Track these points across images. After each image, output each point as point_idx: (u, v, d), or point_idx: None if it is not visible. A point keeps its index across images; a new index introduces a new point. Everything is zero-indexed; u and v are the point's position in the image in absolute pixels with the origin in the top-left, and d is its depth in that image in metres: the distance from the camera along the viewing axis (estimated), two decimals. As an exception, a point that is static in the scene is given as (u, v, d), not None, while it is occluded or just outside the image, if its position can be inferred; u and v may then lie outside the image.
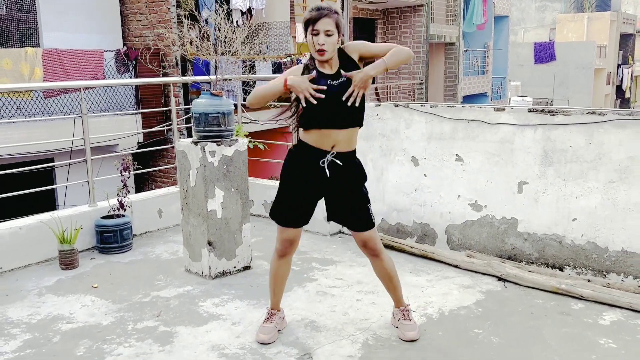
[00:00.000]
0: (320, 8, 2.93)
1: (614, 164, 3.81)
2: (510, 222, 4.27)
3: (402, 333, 3.25)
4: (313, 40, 2.91)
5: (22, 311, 3.72)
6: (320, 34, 2.89)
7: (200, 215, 4.16)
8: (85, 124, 4.89)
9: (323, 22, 2.88)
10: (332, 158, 3.03)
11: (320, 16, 2.88)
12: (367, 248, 3.22)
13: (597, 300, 3.65)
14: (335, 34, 2.91)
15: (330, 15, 2.89)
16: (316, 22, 2.89)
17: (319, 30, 2.89)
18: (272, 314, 3.34)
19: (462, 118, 4.40)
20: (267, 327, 3.28)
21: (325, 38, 2.89)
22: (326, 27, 2.88)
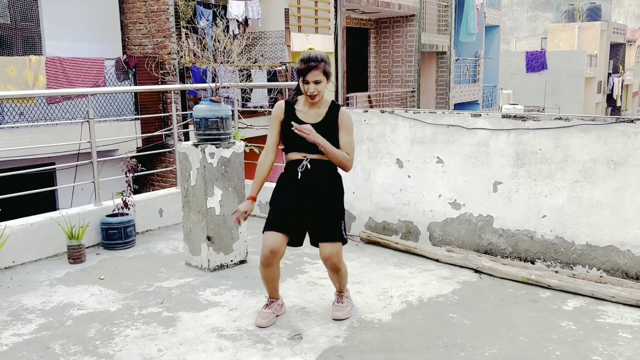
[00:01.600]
0: (308, 59, 3.34)
1: (578, 165, 4.17)
2: (487, 219, 4.62)
3: (332, 313, 3.63)
4: (304, 87, 3.37)
5: (35, 299, 4.04)
6: (310, 84, 3.35)
7: (200, 212, 4.49)
8: (92, 129, 5.22)
9: (313, 74, 3.34)
10: (306, 163, 3.39)
11: (309, 69, 3.33)
12: (328, 263, 3.47)
13: (562, 289, 4.00)
14: (323, 80, 3.38)
15: (318, 67, 3.34)
16: (306, 74, 3.34)
17: (308, 80, 3.34)
18: (271, 302, 3.66)
19: (442, 123, 4.76)
20: (265, 312, 3.60)
21: (315, 86, 3.36)
22: (315, 77, 3.35)
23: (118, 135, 10.14)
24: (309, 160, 3.40)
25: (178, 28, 11.00)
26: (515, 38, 41.93)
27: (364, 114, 5.22)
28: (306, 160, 3.41)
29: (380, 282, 4.26)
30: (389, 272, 4.45)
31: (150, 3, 11.18)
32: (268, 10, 13.13)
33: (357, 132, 5.21)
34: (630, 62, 42.12)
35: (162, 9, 11.01)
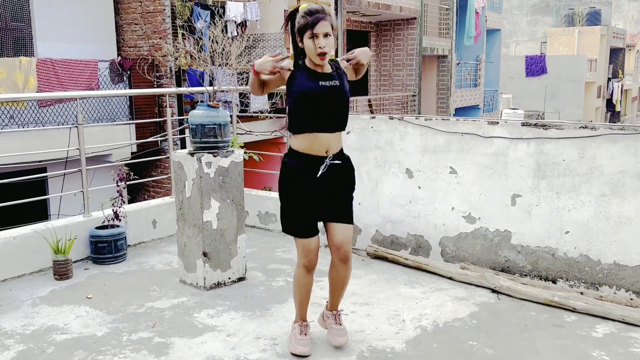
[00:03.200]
0: (314, 11, 2.93)
1: (605, 178, 3.86)
2: (504, 234, 4.31)
3: (333, 338, 3.26)
4: (314, 43, 2.91)
5: (16, 322, 3.70)
6: (319, 37, 2.91)
7: (195, 226, 4.17)
8: (81, 134, 4.89)
9: (321, 25, 2.90)
10: (330, 162, 3.05)
11: (318, 20, 2.89)
12: (340, 251, 3.14)
13: (589, 312, 3.69)
14: (331, 35, 2.95)
15: (326, 18, 2.92)
16: (315, 26, 2.89)
17: (318, 33, 2.90)
18: (305, 325, 3.29)
19: (456, 131, 4.45)
20: (305, 340, 3.23)
21: (325, 40, 2.92)
22: (324, 29, 2.91)
23: (112, 139, 9.83)
24: (332, 158, 3.05)
25: (174, 29, 10.68)
26: (514, 42, 41.77)
27: (371, 120, 4.90)
28: (329, 159, 3.04)
29: (390, 303, 3.93)
30: (400, 292, 4.13)
31: (146, 4, 10.86)
32: (267, 12, 12.81)
33: (363, 139, 4.90)
34: (630, 67, 42.02)
35: (158, 10, 10.69)
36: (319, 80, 2.98)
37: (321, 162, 3.04)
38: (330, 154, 3.06)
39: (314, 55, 2.94)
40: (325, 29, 2.90)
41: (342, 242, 3.13)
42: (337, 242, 3.13)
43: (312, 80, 2.99)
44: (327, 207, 3.13)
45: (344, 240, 3.14)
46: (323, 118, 3.01)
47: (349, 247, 3.16)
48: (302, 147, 3.05)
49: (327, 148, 3.05)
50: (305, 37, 2.94)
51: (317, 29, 2.89)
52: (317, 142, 3.02)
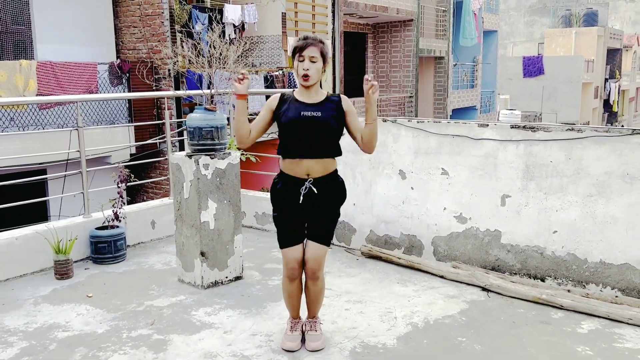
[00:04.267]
0: (307, 37, 3.18)
1: (592, 179, 3.97)
2: (494, 234, 4.42)
3: (307, 343, 3.37)
4: (299, 66, 3.14)
5: (18, 320, 3.80)
6: (305, 60, 3.12)
7: (193, 226, 4.27)
8: (82, 137, 4.99)
9: (309, 50, 3.13)
10: (309, 185, 3.18)
11: (307, 45, 3.13)
12: (307, 267, 3.27)
13: (576, 309, 3.80)
14: (319, 61, 3.16)
15: (316, 44, 3.15)
16: (303, 50, 3.12)
17: (304, 56, 3.12)
18: (296, 322, 3.43)
19: (447, 133, 4.56)
20: (293, 335, 3.37)
21: (310, 64, 3.12)
22: (311, 53, 3.12)
23: (111, 141, 9.92)
24: (312, 182, 3.18)
25: (173, 32, 10.78)
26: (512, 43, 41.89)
27: (365, 122, 5.00)
28: (309, 182, 3.18)
29: (383, 301, 4.04)
30: (392, 290, 4.23)
31: (145, 7, 10.96)
32: (265, 15, 12.92)
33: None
34: (627, 68, 42.14)
35: (157, 13, 10.79)
36: (301, 110, 3.16)
37: (302, 184, 3.19)
38: (311, 178, 3.18)
39: (299, 76, 3.16)
40: (312, 53, 3.12)
41: (309, 259, 3.26)
42: (306, 258, 3.27)
43: (295, 110, 3.17)
44: (309, 224, 3.28)
45: (313, 257, 3.26)
46: (302, 146, 3.17)
47: (317, 265, 3.27)
48: (286, 169, 3.24)
49: (308, 172, 3.19)
50: (295, 60, 3.16)
51: (305, 52, 3.12)
52: (298, 165, 3.19)
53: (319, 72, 3.16)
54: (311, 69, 3.12)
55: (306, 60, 3.11)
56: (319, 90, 3.24)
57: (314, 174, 3.20)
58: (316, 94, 3.21)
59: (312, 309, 3.45)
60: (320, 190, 3.21)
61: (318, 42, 3.16)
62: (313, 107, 3.17)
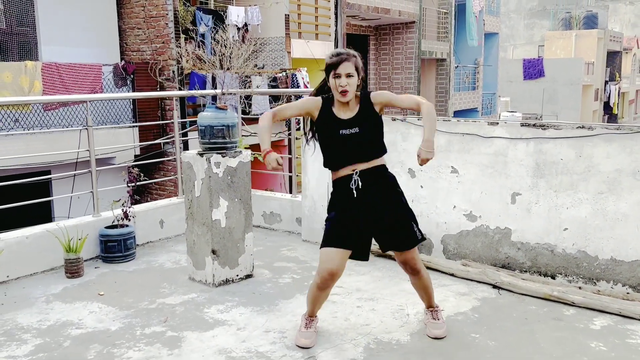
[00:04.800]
0: (339, 53, 3.18)
1: (602, 176, 3.99)
2: (504, 232, 4.43)
3: (430, 330, 3.44)
4: (335, 82, 3.14)
5: (31, 317, 3.81)
6: (342, 77, 3.13)
7: (204, 224, 4.28)
8: (91, 136, 5.01)
9: (344, 66, 3.13)
10: (357, 177, 3.18)
11: (341, 61, 3.14)
12: (407, 266, 3.35)
13: (587, 306, 3.81)
14: (355, 75, 3.16)
15: (350, 59, 3.15)
16: (338, 67, 3.13)
17: (340, 73, 3.13)
18: (311, 320, 3.44)
19: (457, 131, 4.57)
20: (308, 332, 3.38)
21: (347, 80, 3.13)
22: (347, 70, 3.13)
23: (116, 142, 9.94)
24: (358, 173, 3.18)
25: (177, 34, 10.81)
26: (512, 46, 41.96)
27: (374, 121, 5.02)
28: (356, 175, 3.18)
29: (394, 298, 4.05)
30: (403, 288, 4.24)
31: (149, 8, 10.99)
32: (268, 16, 12.96)
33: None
34: (627, 70, 42.22)
35: (161, 14, 10.82)
36: (339, 129, 3.18)
37: (350, 180, 3.19)
38: (358, 170, 3.19)
39: (337, 92, 3.16)
40: (347, 69, 3.12)
41: (406, 261, 3.32)
42: (401, 261, 3.35)
43: (333, 128, 3.19)
44: (384, 234, 3.27)
45: (408, 259, 3.31)
46: (345, 158, 3.20)
47: (413, 263, 3.33)
48: (335, 176, 3.27)
49: (354, 168, 3.20)
50: (330, 77, 3.17)
51: (339, 69, 3.13)
52: (344, 169, 3.22)
53: (355, 86, 3.17)
54: (349, 85, 3.13)
55: (342, 77, 3.12)
56: (354, 103, 3.24)
57: (360, 168, 3.20)
58: (351, 107, 3.23)
59: (426, 300, 3.50)
60: (371, 184, 3.19)
61: (352, 56, 3.16)
62: (350, 123, 3.19)
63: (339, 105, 3.23)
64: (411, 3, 18.03)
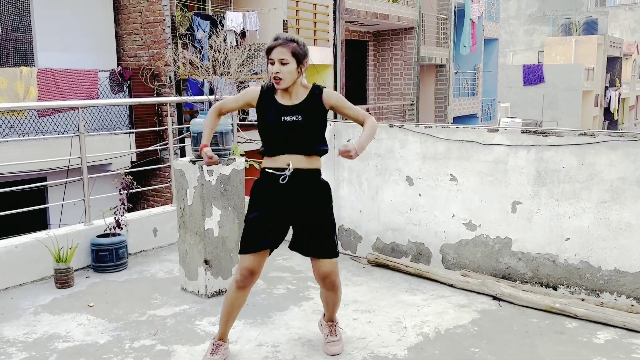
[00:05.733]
0: (277, 38, 3.00)
1: (605, 185, 3.88)
2: (504, 241, 4.32)
3: (327, 348, 3.29)
4: (269, 68, 2.99)
5: (18, 330, 3.70)
6: (275, 64, 2.96)
7: (197, 233, 4.18)
8: (83, 143, 4.91)
9: (277, 51, 2.95)
10: (289, 174, 3.03)
11: (275, 45, 2.96)
12: (325, 282, 3.17)
13: (591, 319, 3.69)
14: (291, 62, 2.97)
15: (285, 44, 2.96)
16: (271, 52, 2.97)
17: (273, 59, 2.97)
18: (219, 345, 3.24)
19: (456, 138, 4.47)
20: (213, 358, 3.19)
21: (279, 67, 2.96)
22: (280, 55, 2.95)
23: (112, 148, 9.84)
24: (292, 170, 3.03)
25: (174, 39, 10.72)
26: (512, 51, 41.93)
27: (372, 128, 4.92)
28: (289, 171, 3.03)
29: (392, 310, 3.94)
30: (401, 299, 4.13)
31: (146, 14, 10.91)
32: (266, 22, 12.88)
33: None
34: (627, 76, 42.17)
35: (158, 20, 10.74)
36: (281, 115, 3.03)
37: (282, 173, 3.05)
38: (292, 167, 3.04)
39: (272, 80, 3.01)
40: (281, 55, 2.95)
41: (328, 274, 3.15)
42: (323, 274, 3.15)
43: (275, 113, 3.04)
44: (305, 239, 3.13)
45: (330, 272, 3.15)
46: (284, 146, 3.06)
47: (334, 277, 3.17)
48: (268, 165, 3.12)
49: (289, 162, 3.05)
50: (268, 64, 3.02)
51: (272, 54, 2.97)
52: (280, 159, 3.07)
53: (292, 73, 2.98)
54: (282, 72, 2.96)
55: (276, 63, 2.96)
56: (299, 89, 3.07)
57: (297, 165, 3.05)
58: (296, 95, 3.06)
59: (330, 314, 3.36)
60: (302, 185, 3.05)
61: (289, 41, 2.97)
62: (294, 109, 3.03)
63: (282, 93, 3.07)
64: (410, 9, 17.97)
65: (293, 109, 3.04)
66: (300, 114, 3.03)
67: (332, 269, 3.16)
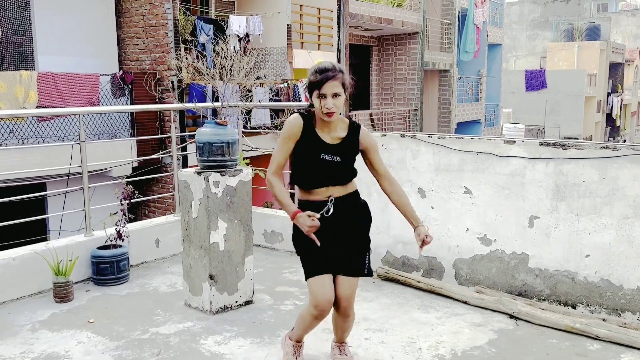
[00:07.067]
0: (325, 69, 2.84)
1: (628, 200, 3.73)
2: (521, 257, 4.16)
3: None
4: (321, 103, 2.84)
5: (14, 348, 3.54)
6: (327, 98, 2.82)
7: (202, 247, 4.02)
8: (84, 152, 4.75)
9: (331, 85, 2.81)
10: (331, 205, 2.94)
11: (326, 79, 2.81)
12: (341, 305, 3.02)
13: (613, 340, 3.53)
14: (342, 94, 2.86)
15: (337, 77, 2.83)
16: (322, 86, 2.81)
17: (326, 94, 2.82)
18: (299, 347, 3.23)
19: (470, 150, 4.32)
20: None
21: (333, 101, 2.83)
22: (334, 90, 2.83)
23: (113, 154, 9.69)
24: (333, 201, 2.94)
25: (177, 43, 10.58)
26: (514, 56, 41.83)
27: (382, 137, 4.77)
28: (331, 203, 2.93)
29: (405, 329, 3.77)
30: (414, 317, 3.97)
31: (149, 17, 10.77)
32: (270, 26, 12.75)
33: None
34: (629, 82, 42.05)
35: (161, 24, 10.60)
36: (321, 152, 2.92)
37: (324, 206, 2.94)
38: (332, 197, 2.95)
39: (321, 113, 2.87)
40: (333, 89, 2.82)
41: (343, 298, 3.01)
42: (339, 296, 3.00)
43: (315, 150, 2.92)
44: (335, 257, 3.00)
45: (347, 296, 3.01)
46: (320, 181, 2.95)
47: (350, 303, 3.05)
48: (307, 197, 3.00)
49: (329, 194, 2.96)
50: (314, 96, 2.86)
51: (324, 89, 2.82)
52: (318, 193, 2.97)
53: (342, 106, 2.88)
54: (336, 106, 2.84)
55: (329, 99, 2.81)
56: (339, 122, 2.96)
57: (337, 194, 2.97)
58: (336, 129, 2.96)
59: (340, 336, 3.23)
60: (344, 211, 2.97)
61: (339, 72, 2.84)
62: (334, 149, 2.93)
63: (322, 125, 2.94)
64: (414, 14, 17.84)
65: (333, 148, 2.94)
66: (339, 155, 2.94)
67: (351, 293, 3.02)
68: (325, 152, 2.92)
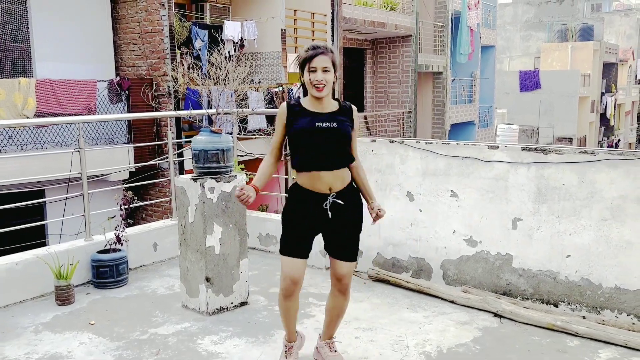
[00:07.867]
0: (316, 46, 3.05)
1: (606, 202, 3.90)
2: (505, 257, 4.33)
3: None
4: (310, 77, 3.01)
5: (19, 349, 3.69)
6: (317, 71, 3.00)
7: (198, 251, 4.17)
8: (83, 159, 4.90)
9: (320, 59, 3.00)
10: (333, 200, 3.09)
11: (317, 54, 3.01)
12: (341, 283, 3.22)
13: (592, 337, 3.70)
14: (332, 70, 3.04)
15: (327, 53, 3.03)
16: (312, 60, 3.00)
17: (316, 67, 3.00)
18: (290, 347, 3.36)
19: (456, 155, 4.49)
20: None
21: (323, 75, 3.01)
22: (323, 64, 3.01)
23: (111, 159, 9.83)
24: (335, 196, 3.09)
25: (173, 49, 10.73)
26: (508, 57, 42.06)
27: (372, 143, 4.94)
28: (332, 197, 3.08)
29: (393, 328, 3.94)
30: (402, 316, 4.14)
31: (145, 24, 10.92)
32: (264, 31, 12.91)
33: (364, 162, 4.91)
34: (622, 82, 42.31)
35: (157, 30, 10.75)
36: (315, 121, 3.06)
37: (324, 199, 3.09)
38: (334, 192, 3.10)
39: (312, 88, 3.03)
40: (324, 63, 3.00)
41: (343, 276, 3.21)
42: (339, 275, 3.20)
43: (309, 121, 3.06)
44: (333, 242, 3.20)
45: (346, 274, 3.22)
46: (320, 158, 3.07)
47: (349, 280, 3.24)
48: (306, 184, 3.13)
49: (330, 186, 3.09)
50: (305, 71, 3.04)
51: (314, 62, 3.00)
52: (319, 180, 3.09)
53: (331, 82, 3.05)
54: (325, 79, 3.01)
55: (318, 71, 3.00)
56: (330, 100, 3.14)
57: (336, 187, 3.11)
58: (328, 104, 3.12)
59: (331, 330, 3.39)
60: (345, 203, 3.12)
61: (329, 50, 3.04)
62: (328, 117, 3.08)
63: (312, 102, 3.10)
64: (408, 17, 18.03)
65: (327, 116, 3.09)
66: (334, 121, 3.08)
67: (350, 271, 3.23)
68: (319, 119, 3.06)
